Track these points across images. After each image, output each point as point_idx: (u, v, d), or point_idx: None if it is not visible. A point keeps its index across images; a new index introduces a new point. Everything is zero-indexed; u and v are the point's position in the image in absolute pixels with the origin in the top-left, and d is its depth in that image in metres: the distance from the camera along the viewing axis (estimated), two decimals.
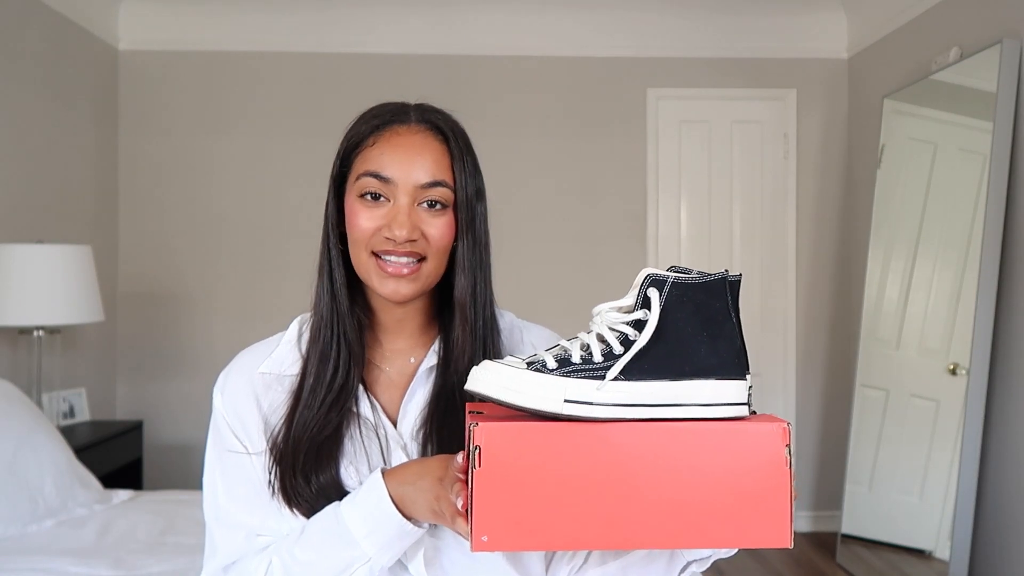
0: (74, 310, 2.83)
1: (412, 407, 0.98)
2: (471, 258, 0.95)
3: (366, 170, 0.92)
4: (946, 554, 2.86)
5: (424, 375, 0.98)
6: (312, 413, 0.93)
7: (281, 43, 3.86)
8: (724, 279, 0.79)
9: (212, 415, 1.01)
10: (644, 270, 0.79)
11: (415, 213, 0.92)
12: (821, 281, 4.01)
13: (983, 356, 2.79)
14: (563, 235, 3.92)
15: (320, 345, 0.95)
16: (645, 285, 0.77)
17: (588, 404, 0.73)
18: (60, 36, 3.34)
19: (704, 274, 0.78)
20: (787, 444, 0.74)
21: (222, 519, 0.98)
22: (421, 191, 0.92)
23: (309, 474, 0.92)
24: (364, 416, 0.96)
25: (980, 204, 2.82)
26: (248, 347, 1.04)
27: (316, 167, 4.07)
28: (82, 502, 2.36)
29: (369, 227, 0.92)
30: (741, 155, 3.99)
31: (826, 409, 4.00)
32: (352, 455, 0.95)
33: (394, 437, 0.97)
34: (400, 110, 0.96)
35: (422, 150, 0.92)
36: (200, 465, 3.87)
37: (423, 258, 0.93)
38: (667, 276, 0.77)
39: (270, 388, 0.98)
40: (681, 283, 0.77)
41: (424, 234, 0.92)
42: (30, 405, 2.51)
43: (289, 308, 4.22)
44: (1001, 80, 2.73)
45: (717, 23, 3.90)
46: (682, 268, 0.79)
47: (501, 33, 3.89)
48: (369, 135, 0.94)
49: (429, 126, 0.94)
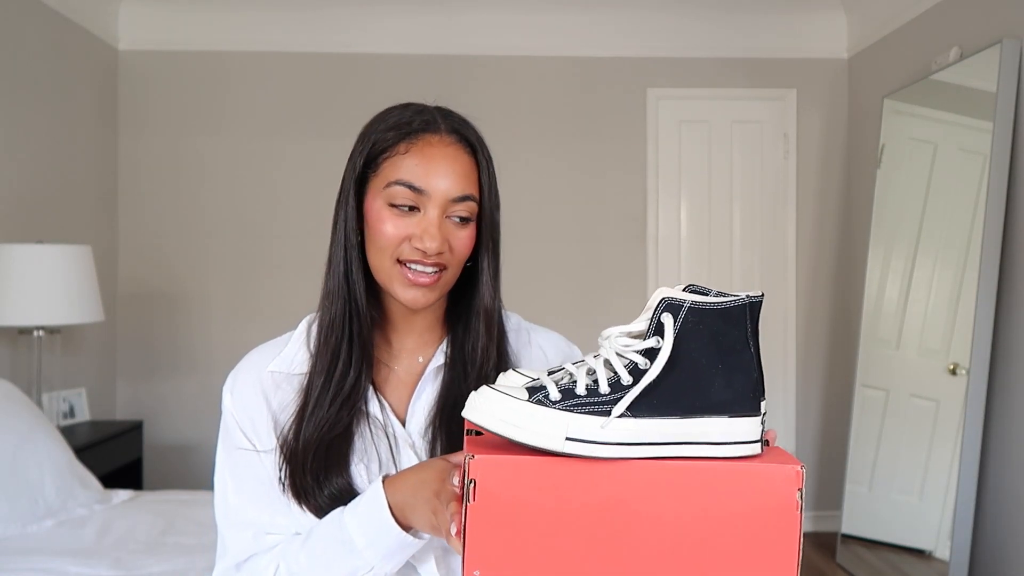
0: (74, 310, 2.83)
1: (420, 406, 0.99)
2: (492, 268, 0.98)
3: (399, 179, 0.92)
4: (946, 554, 2.86)
5: (432, 374, 1.00)
6: (323, 412, 0.94)
7: (280, 43, 3.86)
8: (745, 304, 0.73)
9: (222, 415, 1.02)
10: (659, 291, 0.74)
11: (445, 226, 0.93)
12: (821, 281, 4.01)
13: (983, 356, 2.79)
14: (563, 235, 3.92)
15: (331, 344, 0.96)
16: (659, 310, 0.72)
17: (591, 443, 0.68)
18: (60, 36, 3.34)
19: (724, 296, 0.72)
20: (800, 488, 0.70)
21: (231, 518, 0.99)
22: (451, 204, 0.93)
23: (319, 472, 0.93)
24: (373, 415, 0.97)
25: (980, 204, 2.82)
26: (256, 347, 1.05)
27: (316, 167, 4.09)
28: (82, 502, 2.36)
29: (397, 235, 0.92)
30: (741, 155, 3.99)
31: (826, 409, 3.99)
32: (362, 453, 0.96)
33: (403, 436, 0.97)
34: (429, 117, 0.95)
35: (454, 163, 0.93)
36: (200, 465, 3.86)
37: (445, 268, 0.94)
38: (684, 301, 0.72)
39: (279, 387, 0.99)
40: (698, 308, 0.71)
41: (450, 247, 0.93)
42: (30, 405, 2.50)
43: (289, 308, 4.20)
44: (1001, 80, 2.73)
45: (717, 23, 3.90)
46: (700, 288, 0.73)
47: (501, 33, 3.89)
48: (399, 142, 0.93)
49: (458, 137, 0.95)
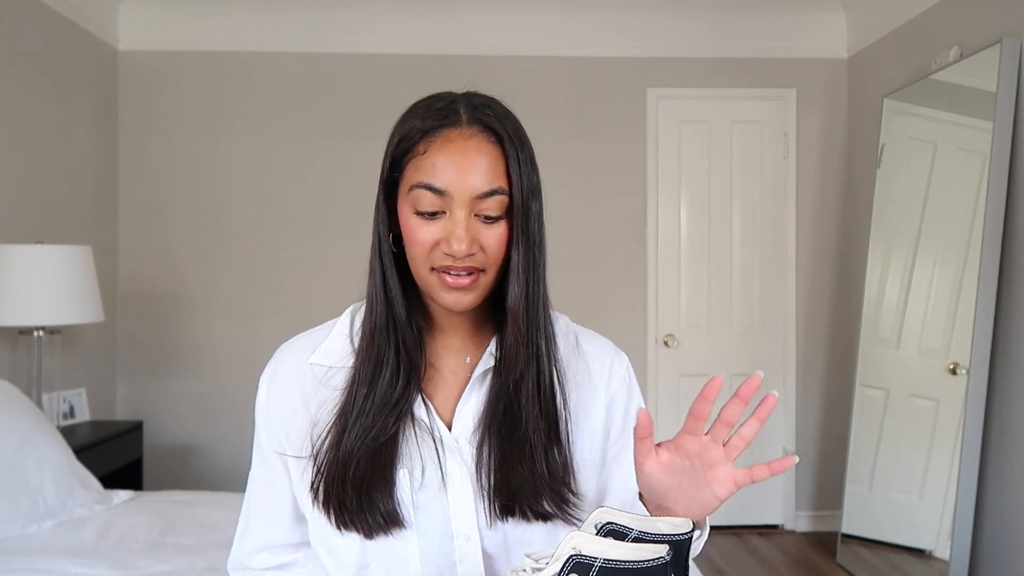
0: (74, 310, 2.83)
1: (467, 410, 0.95)
2: (524, 264, 0.90)
3: (419, 181, 0.87)
4: (946, 554, 2.86)
5: (479, 378, 0.95)
6: (367, 421, 0.90)
7: (281, 43, 3.86)
8: (665, 564, 0.65)
9: (256, 407, 0.99)
10: (571, 538, 0.66)
11: (473, 225, 0.87)
12: (821, 281, 4.00)
13: (983, 356, 2.79)
14: (563, 235, 3.91)
15: (374, 353, 0.92)
16: (567, 569, 0.65)
17: None
18: (60, 36, 3.34)
19: (643, 542, 0.64)
20: None
21: (249, 517, 1.02)
22: (477, 202, 0.87)
23: (361, 481, 0.90)
24: (418, 418, 0.93)
25: (980, 204, 2.82)
26: (290, 340, 1.01)
27: (317, 167, 4.09)
28: (82, 502, 2.35)
29: (428, 241, 0.87)
30: (741, 155, 3.99)
31: (826, 409, 3.99)
32: (407, 458, 0.92)
33: (449, 440, 0.93)
34: (450, 110, 0.89)
35: (477, 157, 0.87)
36: (200, 465, 3.86)
37: (482, 270, 0.89)
38: (594, 560, 0.64)
39: (319, 383, 0.95)
40: (611, 568, 0.63)
41: (482, 246, 0.88)
42: (30, 405, 2.50)
43: (289, 307, 4.19)
44: (1001, 80, 2.73)
45: (717, 23, 3.90)
46: (618, 527, 0.65)
47: (501, 33, 3.88)
48: (419, 141, 0.88)
49: (481, 127, 0.88)
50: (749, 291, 4.01)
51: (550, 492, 0.91)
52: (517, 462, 0.91)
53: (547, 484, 0.91)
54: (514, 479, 0.90)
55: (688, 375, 3.98)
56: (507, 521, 0.92)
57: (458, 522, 0.92)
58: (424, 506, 0.92)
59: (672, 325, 3.98)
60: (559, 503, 0.91)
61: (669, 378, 3.96)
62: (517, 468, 0.91)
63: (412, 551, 0.91)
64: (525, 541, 0.93)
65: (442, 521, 0.92)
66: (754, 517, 4.00)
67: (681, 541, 0.68)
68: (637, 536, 0.67)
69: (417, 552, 0.92)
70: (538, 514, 0.91)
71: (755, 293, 4.01)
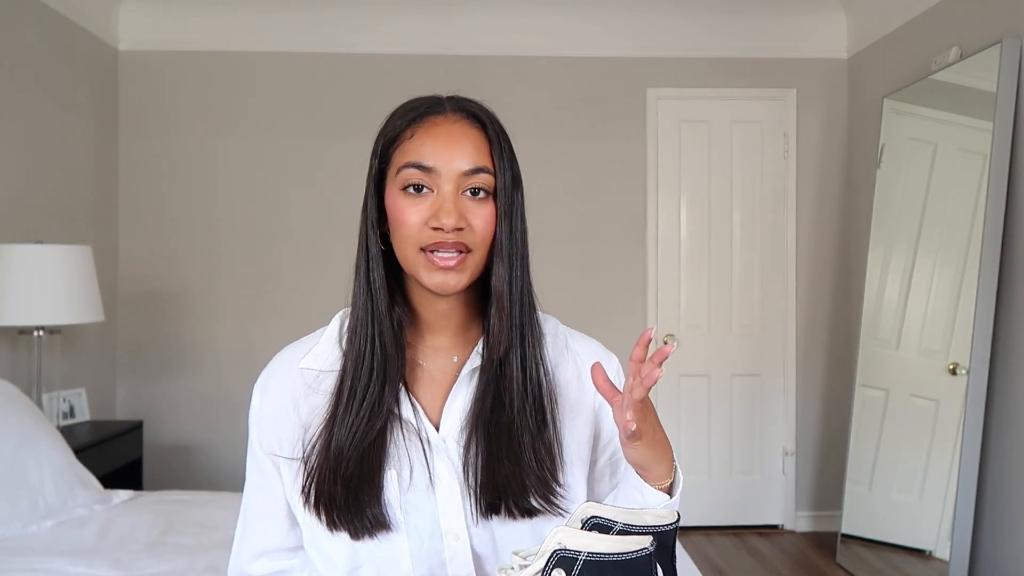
0: (74, 310, 2.83)
1: (455, 409, 0.96)
2: (508, 246, 0.93)
3: (407, 162, 0.91)
4: (946, 554, 2.86)
5: (467, 376, 0.96)
6: (353, 417, 0.92)
7: (281, 43, 3.86)
8: (649, 555, 0.66)
9: (250, 414, 1.01)
10: (555, 533, 0.68)
11: (460, 201, 0.90)
12: (821, 281, 4.01)
13: (983, 356, 2.79)
14: (563, 235, 3.92)
15: (356, 347, 0.94)
16: (551, 564, 0.67)
17: None
18: (60, 36, 3.34)
19: (628, 534, 0.65)
20: None
21: (247, 524, 1.03)
22: (464, 178, 0.90)
23: (350, 480, 0.90)
24: (405, 419, 0.94)
25: (980, 204, 2.82)
26: (287, 346, 1.03)
27: (317, 167, 4.09)
28: (82, 502, 2.35)
29: (416, 220, 0.90)
30: (741, 155, 3.99)
31: (826, 409, 3.99)
32: (395, 459, 0.93)
33: (436, 440, 0.94)
34: (434, 102, 0.95)
35: (461, 138, 0.91)
36: (200, 465, 3.86)
37: (469, 250, 0.91)
38: (578, 554, 0.65)
39: (310, 387, 0.96)
40: (595, 561, 0.65)
41: (469, 224, 0.90)
42: (30, 405, 2.50)
43: (289, 308, 4.19)
44: (1001, 80, 2.73)
45: (717, 23, 3.90)
46: (603, 520, 0.67)
47: (501, 33, 3.89)
48: (405, 128, 0.92)
49: (466, 114, 0.94)
50: (749, 291, 4.01)
51: (537, 484, 0.92)
52: (504, 458, 0.92)
53: (534, 475, 0.92)
54: (500, 476, 0.91)
55: (688, 375, 3.98)
56: (492, 519, 0.93)
57: (446, 521, 0.93)
58: (413, 506, 0.93)
59: (672, 325, 3.98)
60: (546, 494, 0.92)
61: (669, 378, 3.96)
62: (504, 464, 0.92)
63: (402, 552, 0.92)
64: (513, 539, 0.94)
65: (431, 521, 0.93)
66: (754, 517, 4.00)
67: (666, 532, 0.69)
68: (622, 529, 0.68)
69: (407, 552, 0.92)
70: (524, 510, 0.92)
71: (755, 293, 4.01)
